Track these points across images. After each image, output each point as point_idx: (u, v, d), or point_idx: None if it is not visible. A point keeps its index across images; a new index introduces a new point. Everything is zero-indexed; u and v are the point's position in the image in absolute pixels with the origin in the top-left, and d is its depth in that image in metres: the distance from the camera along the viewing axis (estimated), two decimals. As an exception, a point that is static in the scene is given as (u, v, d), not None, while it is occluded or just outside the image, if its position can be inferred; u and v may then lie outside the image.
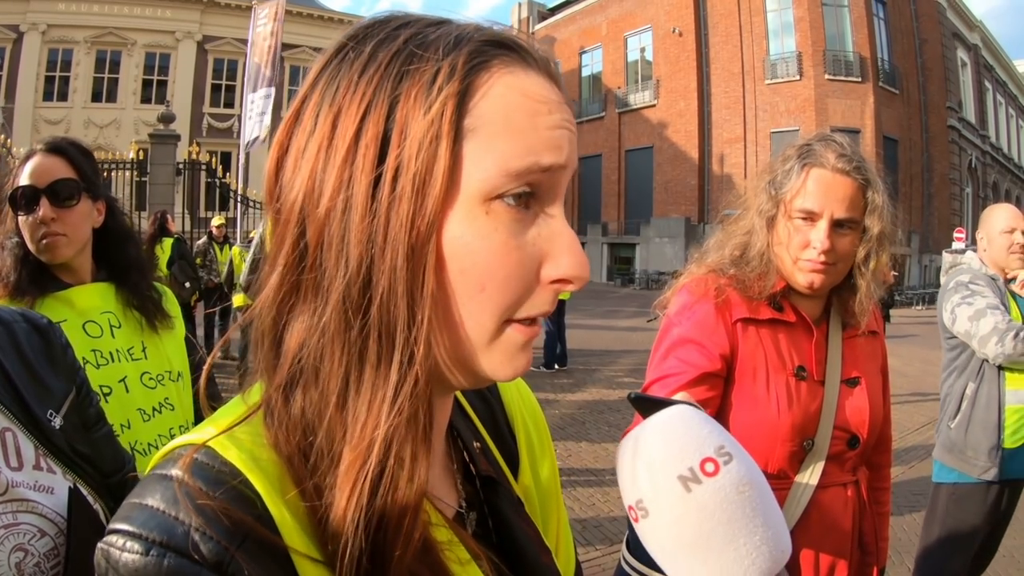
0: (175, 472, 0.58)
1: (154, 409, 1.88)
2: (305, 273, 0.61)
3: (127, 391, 1.83)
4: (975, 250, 3.47)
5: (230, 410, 0.67)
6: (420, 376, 0.59)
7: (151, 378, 1.90)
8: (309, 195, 0.60)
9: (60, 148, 1.84)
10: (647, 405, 1.24)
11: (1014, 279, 3.27)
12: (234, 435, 0.62)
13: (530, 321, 0.64)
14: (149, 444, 1.83)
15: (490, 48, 0.62)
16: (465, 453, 0.81)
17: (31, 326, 1.32)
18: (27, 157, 1.82)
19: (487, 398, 0.92)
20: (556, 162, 0.62)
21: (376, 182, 0.58)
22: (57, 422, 1.28)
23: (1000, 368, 3.15)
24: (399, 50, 0.61)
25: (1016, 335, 3.02)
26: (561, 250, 0.63)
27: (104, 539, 0.57)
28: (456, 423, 0.82)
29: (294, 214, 0.61)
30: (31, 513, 1.11)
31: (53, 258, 1.80)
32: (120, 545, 0.56)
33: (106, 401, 1.75)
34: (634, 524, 0.70)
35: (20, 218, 1.77)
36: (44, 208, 1.75)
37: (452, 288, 0.60)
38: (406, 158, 0.58)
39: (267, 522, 0.57)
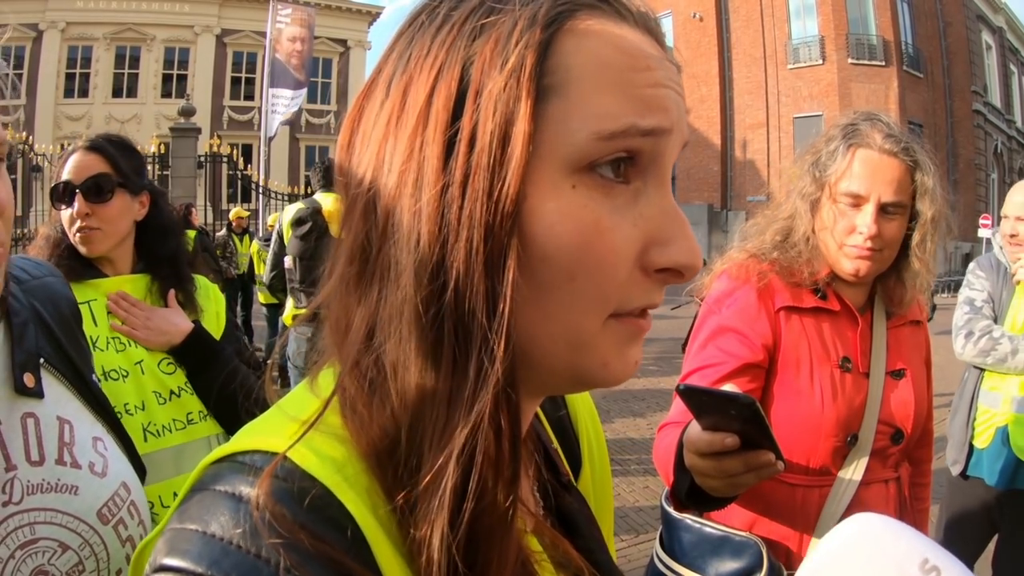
0: (247, 491, 0.48)
1: (171, 393, 1.90)
2: (373, 255, 0.54)
3: (143, 373, 1.87)
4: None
5: (298, 400, 0.57)
6: (501, 375, 0.50)
7: (170, 363, 1.93)
8: (378, 169, 0.54)
9: (98, 146, 1.92)
10: (698, 398, 1.17)
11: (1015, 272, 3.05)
12: (310, 435, 0.52)
13: (639, 312, 0.56)
14: (163, 427, 1.86)
15: None
16: (538, 456, 0.73)
17: (57, 278, 1.32)
18: (69, 154, 1.92)
19: (553, 396, 0.83)
20: (660, 124, 0.53)
21: (449, 149, 0.50)
22: (98, 384, 1.26)
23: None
24: (475, 7, 0.53)
25: (969, 335, 3.03)
26: (672, 234, 0.54)
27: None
28: (533, 424, 0.74)
29: (362, 192, 0.55)
30: (50, 524, 1.01)
31: (90, 252, 1.89)
32: None
33: (123, 381, 1.81)
34: None
35: (61, 212, 1.88)
36: (79, 203, 1.84)
37: (537, 276, 0.51)
38: (481, 119, 0.50)
39: (364, 552, 0.48)
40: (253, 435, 0.54)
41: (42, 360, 1.11)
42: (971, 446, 3.05)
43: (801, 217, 1.73)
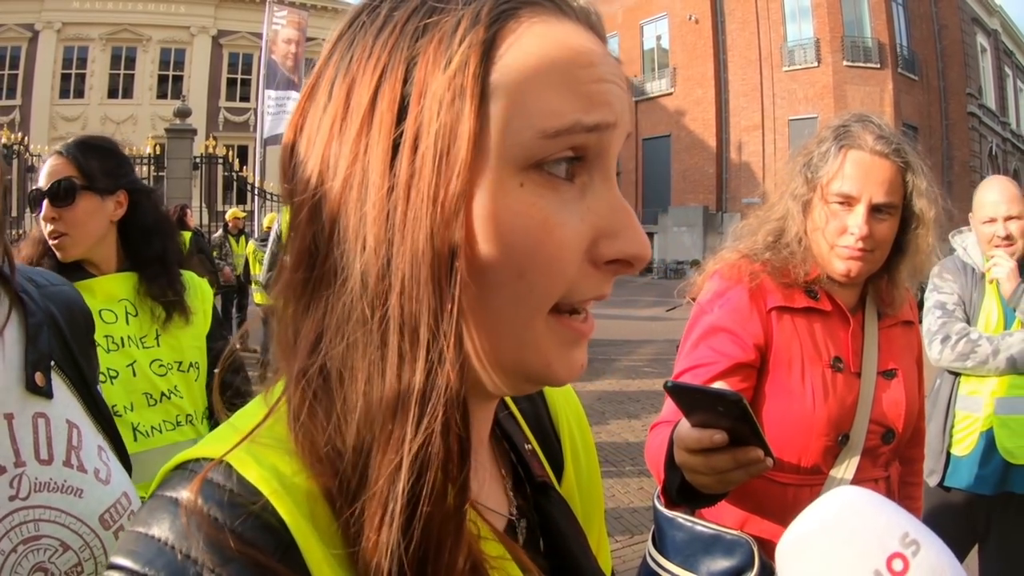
0: (184, 495, 0.50)
1: (162, 395, 1.91)
2: (320, 261, 0.53)
3: (134, 375, 1.87)
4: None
5: (250, 413, 0.58)
6: (452, 379, 0.50)
7: (161, 366, 1.94)
8: (324, 173, 0.53)
9: (66, 150, 1.92)
10: (686, 396, 1.18)
11: (987, 272, 2.93)
12: (254, 446, 0.53)
13: (583, 315, 0.57)
14: (152, 427, 1.88)
15: None
16: (513, 456, 0.73)
17: (73, 289, 1.34)
18: (46, 159, 1.92)
19: (532, 398, 0.83)
20: (604, 120, 0.53)
21: (395, 151, 0.50)
22: (102, 395, 1.29)
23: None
24: (417, 7, 0.53)
25: (945, 339, 2.87)
26: (619, 226, 0.55)
27: (105, 574, 0.50)
28: (505, 425, 0.74)
29: (307, 195, 0.54)
30: (54, 523, 1.03)
31: (64, 257, 1.88)
32: None
33: (111, 383, 1.81)
34: None
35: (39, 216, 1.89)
36: (45, 208, 1.84)
37: (485, 275, 0.51)
38: (425, 120, 0.50)
39: (293, 557, 0.49)
40: (205, 445, 0.55)
41: (52, 362, 1.13)
42: (948, 454, 2.92)
43: (793, 218, 1.74)
